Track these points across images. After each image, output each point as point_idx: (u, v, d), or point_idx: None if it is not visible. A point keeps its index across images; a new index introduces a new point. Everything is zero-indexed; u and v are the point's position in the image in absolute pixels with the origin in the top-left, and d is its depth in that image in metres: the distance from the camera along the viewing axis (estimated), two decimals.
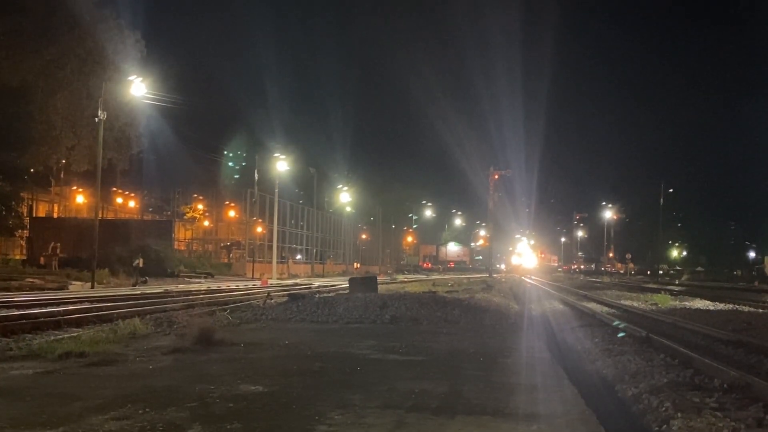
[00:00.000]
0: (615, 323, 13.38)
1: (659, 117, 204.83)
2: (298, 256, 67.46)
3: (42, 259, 40.07)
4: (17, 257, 47.03)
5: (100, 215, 43.65)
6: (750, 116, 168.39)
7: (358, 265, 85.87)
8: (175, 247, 56.37)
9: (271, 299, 20.73)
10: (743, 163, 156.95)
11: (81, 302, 19.06)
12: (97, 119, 32.23)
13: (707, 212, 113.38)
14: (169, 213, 75.35)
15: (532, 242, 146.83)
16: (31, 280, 29.06)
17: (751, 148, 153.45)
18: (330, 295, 22.30)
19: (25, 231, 49.90)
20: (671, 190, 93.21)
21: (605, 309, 21.80)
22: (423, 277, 61.23)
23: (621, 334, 11.65)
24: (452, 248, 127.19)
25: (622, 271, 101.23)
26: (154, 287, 30.06)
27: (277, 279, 47.62)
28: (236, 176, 58.92)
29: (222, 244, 71.54)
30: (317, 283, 40.14)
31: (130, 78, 36.63)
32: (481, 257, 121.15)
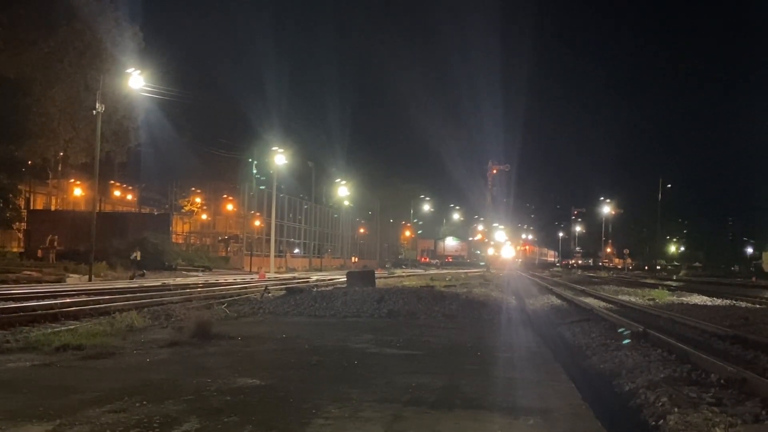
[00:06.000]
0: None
1: (658, 112, 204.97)
2: (296, 250, 67.48)
3: (39, 251, 40.04)
4: (15, 250, 46.98)
5: (98, 208, 43.58)
6: (749, 111, 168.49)
7: (356, 260, 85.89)
8: (173, 240, 56.31)
9: (269, 293, 20.73)
10: (741, 158, 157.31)
11: (78, 295, 19.07)
12: (95, 112, 32.16)
13: (705, 208, 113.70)
14: (167, 206, 75.25)
15: (530, 237, 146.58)
16: (29, 272, 29.03)
17: (750, 144, 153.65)
18: (328, 289, 22.31)
19: (23, 223, 49.88)
20: (669, 186, 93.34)
21: (603, 304, 21.81)
22: (421, 271, 61.27)
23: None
24: (450, 243, 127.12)
25: (619, 267, 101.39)
26: (152, 280, 30.07)
27: (275, 273, 47.65)
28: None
29: (220, 238, 71.54)
30: (315, 277, 40.16)
31: (129, 71, 36.57)
32: (479, 252, 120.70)
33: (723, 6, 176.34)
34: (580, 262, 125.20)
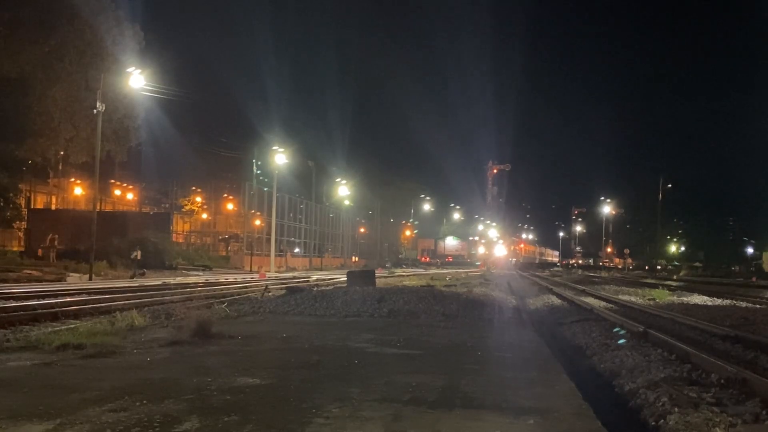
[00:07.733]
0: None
1: (658, 112, 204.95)
2: (297, 250, 67.48)
3: (40, 250, 40.06)
4: (15, 249, 47.01)
5: (99, 207, 43.63)
6: (749, 111, 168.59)
7: (357, 259, 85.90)
8: (174, 239, 56.37)
9: (269, 292, 20.73)
10: (741, 158, 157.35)
11: (79, 294, 19.06)
12: (95, 111, 32.16)
13: (706, 208, 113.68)
14: (167, 205, 75.34)
15: (530, 237, 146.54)
16: (29, 271, 29.03)
17: (750, 144, 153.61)
18: (328, 288, 22.32)
19: (23, 223, 49.93)
20: (670, 186, 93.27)
21: (603, 304, 21.80)
22: (421, 271, 61.24)
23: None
24: (450, 242, 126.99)
25: (620, 266, 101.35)
26: (152, 280, 30.07)
27: (275, 272, 47.65)
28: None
29: (220, 237, 71.62)
30: (315, 276, 40.14)
31: (129, 70, 36.57)
32: (475, 252, 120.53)
33: (723, 5, 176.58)
34: (580, 261, 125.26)
